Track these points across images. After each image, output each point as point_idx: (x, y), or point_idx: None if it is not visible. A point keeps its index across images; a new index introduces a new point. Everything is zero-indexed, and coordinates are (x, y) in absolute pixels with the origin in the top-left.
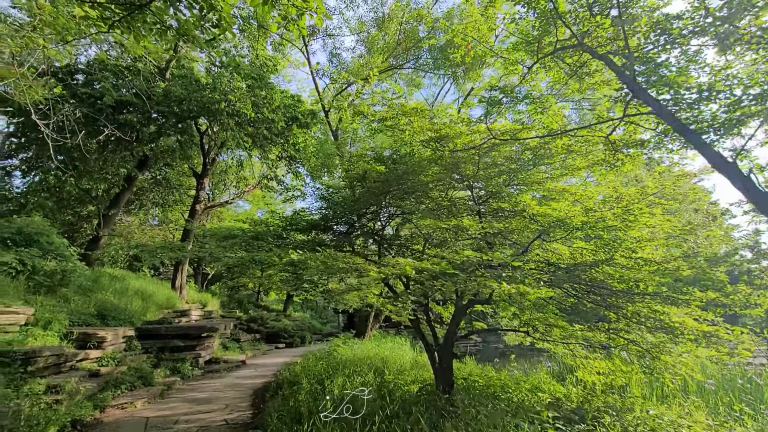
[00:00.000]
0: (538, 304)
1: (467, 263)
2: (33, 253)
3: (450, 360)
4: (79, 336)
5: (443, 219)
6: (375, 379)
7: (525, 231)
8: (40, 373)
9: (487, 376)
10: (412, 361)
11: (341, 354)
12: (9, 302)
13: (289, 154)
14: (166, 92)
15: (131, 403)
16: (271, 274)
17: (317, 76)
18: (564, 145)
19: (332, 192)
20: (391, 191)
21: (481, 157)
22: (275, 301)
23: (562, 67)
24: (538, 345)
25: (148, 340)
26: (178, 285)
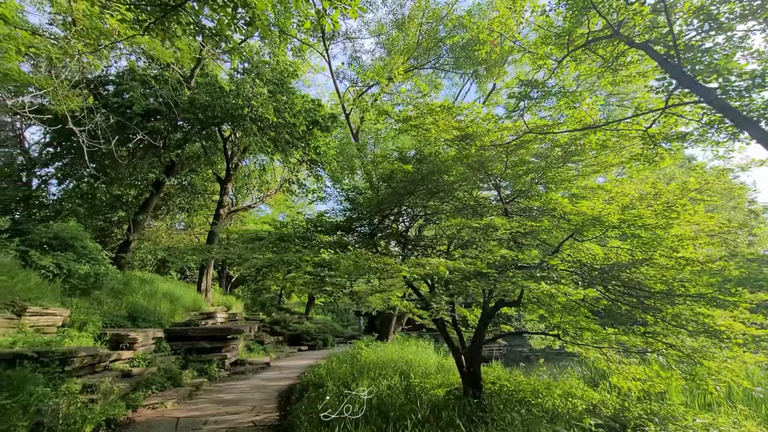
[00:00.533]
0: (568, 307)
1: (500, 263)
2: (68, 257)
3: (478, 364)
4: (112, 337)
5: (472, 218)
6: (401, 382)
7: (553, 231)
8: (77, 373)
9: (515, 380)
10: (437, 365)
11: (365, 357)
12: (47, 304)
13: (310, 157)
14: (192, 100)
15: (162, 404)
16: (295, 276)
17: (337, 79)
18: (598, 140)
19: (357, 193)
20: (415, 192)
21: (508, 155)
22: (297, 303)
23: (595, 60)
24: (569, 349)
25: (176, 342)
26: (204, 288)
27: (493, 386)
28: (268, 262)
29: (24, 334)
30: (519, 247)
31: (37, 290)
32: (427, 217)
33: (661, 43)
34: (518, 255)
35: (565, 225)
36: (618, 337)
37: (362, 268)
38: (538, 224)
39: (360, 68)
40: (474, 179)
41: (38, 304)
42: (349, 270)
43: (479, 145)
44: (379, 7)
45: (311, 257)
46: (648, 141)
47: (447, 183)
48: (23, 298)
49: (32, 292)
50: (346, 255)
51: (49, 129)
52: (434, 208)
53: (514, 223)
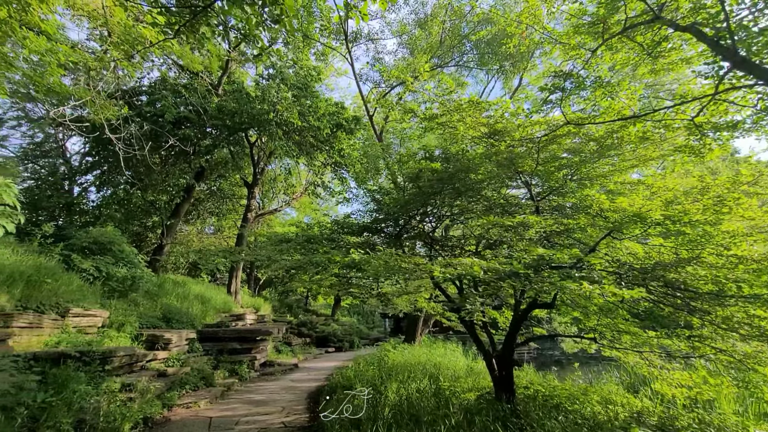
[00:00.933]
0: (606, 309)
1: (535, 263)
2: (107, 260)
3: (510, 368)
4: (148, 338)
5: (505, 217)
6: (430, 386)
7: (587, 229)
8: (116, 372)
9: (550, 385)
10: (466, 368)
11: (392, 359)
12: (88, 306)
13: (335, 160)
14: (220, 107)
15: (195, 403)
16: (321, 278)
17: (360, 80)
18: (638, 132)
19: (383, 193)
20: (443, 191)
21: (540, 151)
22: (323, 305)
23: (632, 48)
24: (605, 353)
25: (208, 343)
26: (233, 290)
27: (527, 391)
28: (297, 263)
29: (67, 335)
30: (552, 247)
31: (79, 292)
32: (454, 217)
33: (708, 24)
34: (556, 254)
35: (602, 223)
36: (660, 340)
37: (392, 268)
38: (575, 222)
39: (384, 68)
40: (503, 177)
41: (80, 305)
42: (379, 271)
43: (509, 141)
44: (401, 7)
45: (341, 258)
46: (694, 131)
47: (475, 181)
48: (66, 300)
49: (74, 294)
50: (376, 255)
51: (88, 138)
52: (461, 208)
53: (549, 221)
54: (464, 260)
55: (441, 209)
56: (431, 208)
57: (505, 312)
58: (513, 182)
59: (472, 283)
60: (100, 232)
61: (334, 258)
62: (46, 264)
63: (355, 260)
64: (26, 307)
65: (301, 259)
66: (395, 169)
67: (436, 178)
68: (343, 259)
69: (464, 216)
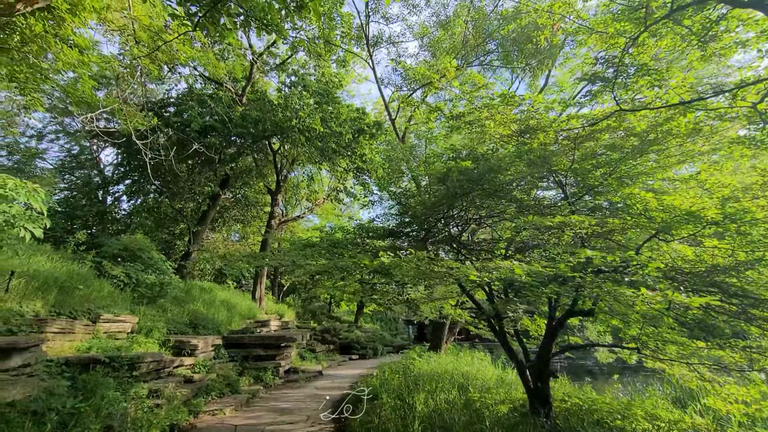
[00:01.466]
0: (649, 316)
1: (582, 266)
2: (136, 267)
3: (546, 379)
4: (175, 343)
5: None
6: (460, 397)
7: (627, 231)
8: (143, 378)
9: (588, 398)
10: (496, 378)
11: (418, 368)
12: (118, 311)
13: (357, 165)
14: (244, 115)
15: (221, 410)
16: (344, 284)
17: (381, 84)
18: (689, 123)
19: (408, 196)
20: (472, 191)
21: (577, 147)
22: (346, 312)
23: (679, 33)
24: (648, 364)
25: (233, 349)
26: (258, 296)
27: (563, 404)
28: (322, 267)
29: (98, 340)
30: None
31: (109, 298)
32: (481, 220)
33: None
34: (607, 256)
35: (646, 223)
36: (711, 351)
37: (423, 273)
38: (620, 222)
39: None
40: (534, 177)
41: (111, 311)
42: (408, 275)
43: (542, 138)
44: (422, 9)
45: (369, 261)
46: (756, 119)
47: (504, 182)
48: (98, 306)
49: (105, 300)
50: (407, 258)
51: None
52: (490, 209)
53: (592, 221)
54: (502, 263)
55: (467, 212)
56: (457, 211)
57: (537, 320)
58: (543, 183)
59: (502, 288)
60: (131, 240)
61: (362, 261)
62: (78, 271)
63: (385, 264)
64: (60, 312)
65: (326, 264)
66: (421, 171)
67: (465, 178)
68: (372, 263)
69: (492, 219)
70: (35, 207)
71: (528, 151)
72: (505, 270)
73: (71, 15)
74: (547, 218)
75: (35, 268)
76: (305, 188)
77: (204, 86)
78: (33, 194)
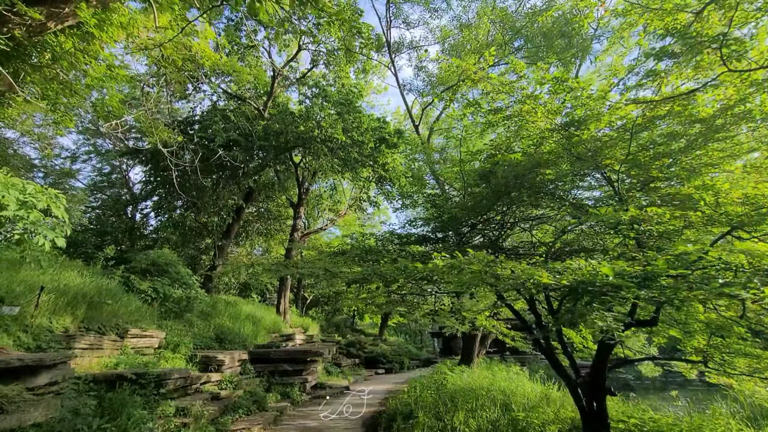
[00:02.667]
0: (716, 326)
1: (673, 263)
2: (164, 282)
3: (602, 398)
4: (202, 359)
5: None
6: (503, 416)
7: (684, 230)
8: (170, 395)
9: (650, 417)
10: (540, 395)
11: (452, 383)
12: (145, 326)
13: (379, 174)
14: (266, 129)
15: (248, 429)
16: (373, 295)
17: (404, 90)
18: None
19: (444, 199)
20: (516, 191)
21: (633, 137)
22: (369, 325)
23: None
24: (712, 379)
25: (260, 364)
26: (282, 309)
27: (622, 425)
28: (360, 275)
29: (126, 356)
30: (644, 252)
31: (137, 313)
32: (520, 222)
33: None
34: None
35: (721, 219)
36: None
37: (480, 277)
38: (701, 217)
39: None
40: (582, 173)
41: (138, 326)
42: (463, 280)
43: (593, 129)
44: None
45: (422, 267)
46: None
47: (548, 180)
48: (125, 321)
49: (133, 315)
50: (467, 259)
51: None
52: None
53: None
54: (576, 262)
55: (509, 214)
56: (494, 214)
57: (584, 331)
58: (585, 181)
59: (544, 297)
60: (158, 255)
61: (412, 266)
62: (107, 286)
63: (439, 267)
64: (88, 328)
65: (363, 271)
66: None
67: (512, 174)
68: (426, 267)
69: (532, 222)
70: (56, 214)
71: (579, 143)
72: (583, 273)
73: (99, 30)
74: (620, 211)
75: (65, 283)
76: (328, 200)
77: (227, 103)
78: (54, 200)
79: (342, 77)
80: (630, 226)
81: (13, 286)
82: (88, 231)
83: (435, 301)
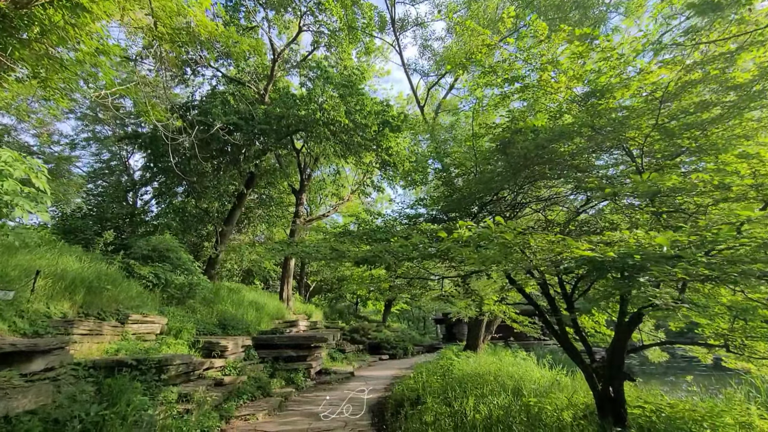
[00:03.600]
0: (740, 308)
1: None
2: (165, 267)
3: (620, 383)
4: (204, 344)
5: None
6: (514, 402)
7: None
8: (172, 381)
9: (670, 404)
10: (550, 381)
11: (459, 369)
12: (147, 312)
13: (383, 159)
14: (267, 113)
15: (253, 415)
16: (379, 279)
17: (408, 70)
18: None
19: (457, 174)
20: (532, 166)
21: (662, 106)
22: (372, 311)
23: None
24: (730, 364)
25: (264, 350)
26: (285, 296)
27: (641, 411)
28: (370, 253)
29: (127, 342)
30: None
31: (138, 299)
32: (533, 202)
33: None
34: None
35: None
36: None
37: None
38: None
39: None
40: (605, 147)
41: (139, 312)
42: (491, 257)
43: (619, 97)
44: None
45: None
46: None
47: (568, 153)
48: (126, 307)
49: (134, 300)
50: (500, 226)
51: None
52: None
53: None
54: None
55: (518, 194)
56: (506, 193)
57: (596, 315)
58: (601, 158)
59: (558, 281)
60: (159, 240)
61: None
62: (107, 271)
63: (464, 238)
64: (88, 314)
65: (373, 248)
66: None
67: (533, 144)
68: (450, 238)
69: (545, 203)
70: (37, 185)
71: (605, 111)
72: (631, 242)
73: (90, 1)
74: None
75: (63, 268)
76: (331, 185)
77: (227, 87)
78: (33, 170)
79: (344, 59)
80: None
81: (7, 270)
82: (88, 217)
83: (441, 287)
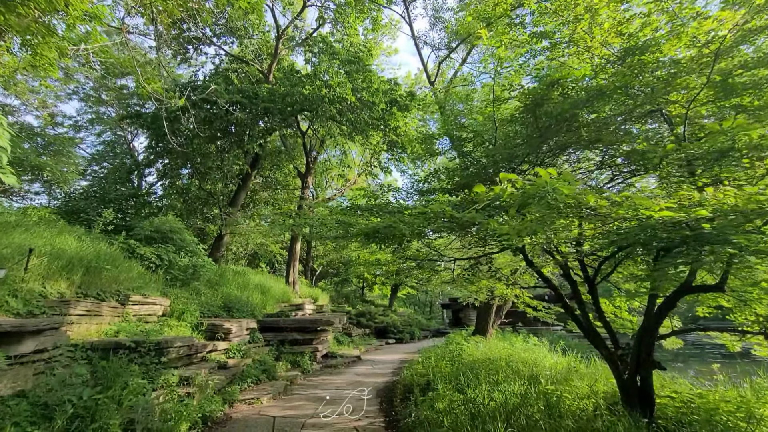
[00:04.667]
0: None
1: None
2: (168, 249)
3: (649, 372)
4: (208, 327)
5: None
6: (530, 389)
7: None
8: (173, 364)
9: (700, 394)
10: (566, 368)
11: (468, 353)
12: (148, 293)
13: (390, 139)
14: (271, 91)
15: (257, 399)
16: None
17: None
18: None
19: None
20: (569, 127)
21: (717, 59)
22: (379, 296)
23: None
24: (761, 352)
25: (269, 333)
26: (291, 280)
27: (670, 401)
28: (381, 224)
29: (127, 323)
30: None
31: (140, 280)
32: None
33: None
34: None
35: None
36: None
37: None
38: None
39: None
40: (643, 112)
41: (140, 293)
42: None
43: (658, 57)
44: None
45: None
46: None
47: (602, 119)
48: (127, 287)
49: (135, 281)
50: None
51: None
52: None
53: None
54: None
55: (542, 165)
56: (527, 166)
57: (617, 299)
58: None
59: (578, 263)
60: (162, 221)
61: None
62: (107, 251)
63: (506, 194)
64: (86, 294)
65: (386, 219)
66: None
67: (569, 103)
68: (487, 195)
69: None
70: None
71: (650, 65)
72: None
73: None
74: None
75: (59, 247)
76: (337, 167)
77: (230, 66)
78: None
79: (350, 35)
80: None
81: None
82: (91, 198)
83: (453, 269)
